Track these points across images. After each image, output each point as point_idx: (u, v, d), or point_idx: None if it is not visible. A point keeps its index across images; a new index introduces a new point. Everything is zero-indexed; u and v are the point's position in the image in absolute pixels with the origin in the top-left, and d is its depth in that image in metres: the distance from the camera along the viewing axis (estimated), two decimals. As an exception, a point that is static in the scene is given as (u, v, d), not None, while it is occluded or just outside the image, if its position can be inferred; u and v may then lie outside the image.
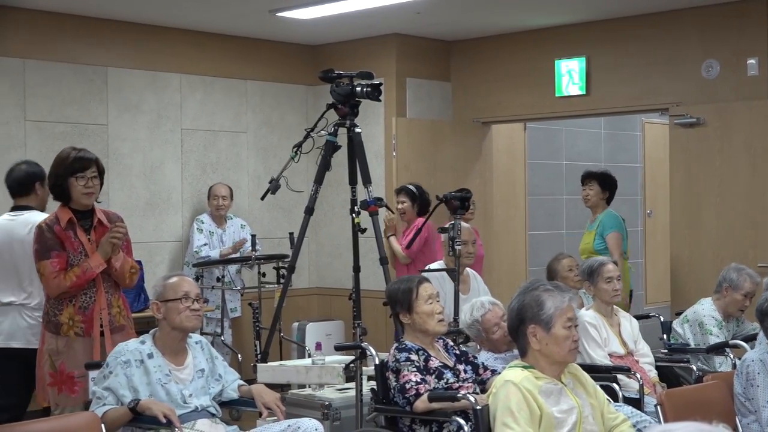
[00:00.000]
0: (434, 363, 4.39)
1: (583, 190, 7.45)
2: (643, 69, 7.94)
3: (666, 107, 7.87)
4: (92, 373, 4.48)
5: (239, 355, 7.60)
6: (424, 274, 5.03)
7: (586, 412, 3.63)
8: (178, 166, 8.33)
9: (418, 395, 4.22)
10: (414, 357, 4.35)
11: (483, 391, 4.34)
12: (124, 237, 4.96)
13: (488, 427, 3.65)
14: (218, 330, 7.71)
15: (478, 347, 5.14)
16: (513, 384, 3.55)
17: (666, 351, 5.93)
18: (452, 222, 5.76)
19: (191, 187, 8.39)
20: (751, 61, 7.32)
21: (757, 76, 7.32)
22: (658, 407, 4.24)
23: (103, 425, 3.97)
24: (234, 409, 4.68)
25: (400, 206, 7.62)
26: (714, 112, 7.46)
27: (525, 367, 3.65)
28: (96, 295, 4.89)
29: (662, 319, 6.29)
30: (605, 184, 7.39)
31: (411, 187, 7.69)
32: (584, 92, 8.24)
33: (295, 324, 8.44)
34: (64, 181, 4.88)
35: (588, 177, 7.45)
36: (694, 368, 5.46)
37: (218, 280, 7.69)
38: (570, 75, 8.29)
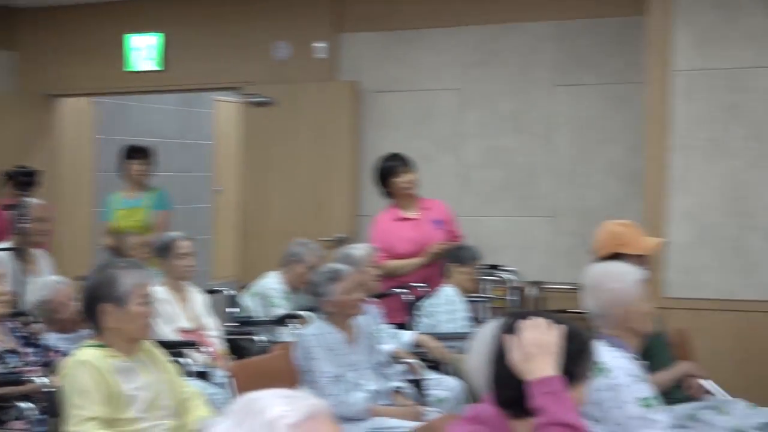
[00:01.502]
0: (-4, 348, 4.21)
1: (138, 165, 7.33)
2: (217, 48, 8.04)
3: (238, 86, 8.04)
4: None
5: None
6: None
7: (160, 388, 3.66)
8: None
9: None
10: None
11: (52, 373, 4.22)
12: None
13: (60, 409, 3.56)
14: None
15: (46, 328, 4.98)
16: (85, 364, 3.49)
17: (236, 324, 6.08)
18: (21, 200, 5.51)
19: None
20: (318, 44, 7.69)
21: (324, 59, 7.68)
22: (229, 378, 4.37)
23: None
24: None
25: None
26: (284, 93, 7.72)
27: (99, 346, 3.59)
28: None
29: (230, 293, 6.44)
30: (155, 159, 7.44)
31: None
32: (162, 68, 8.20)
33: None
34: None
35: (142, 152, 7.38)
36: (256, 339, 5.64)
37: None
38: (147, 50, 8.21)
